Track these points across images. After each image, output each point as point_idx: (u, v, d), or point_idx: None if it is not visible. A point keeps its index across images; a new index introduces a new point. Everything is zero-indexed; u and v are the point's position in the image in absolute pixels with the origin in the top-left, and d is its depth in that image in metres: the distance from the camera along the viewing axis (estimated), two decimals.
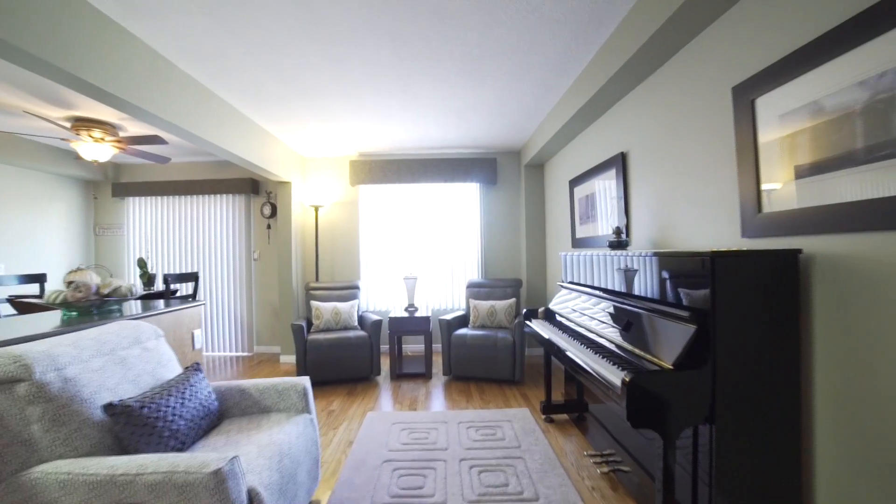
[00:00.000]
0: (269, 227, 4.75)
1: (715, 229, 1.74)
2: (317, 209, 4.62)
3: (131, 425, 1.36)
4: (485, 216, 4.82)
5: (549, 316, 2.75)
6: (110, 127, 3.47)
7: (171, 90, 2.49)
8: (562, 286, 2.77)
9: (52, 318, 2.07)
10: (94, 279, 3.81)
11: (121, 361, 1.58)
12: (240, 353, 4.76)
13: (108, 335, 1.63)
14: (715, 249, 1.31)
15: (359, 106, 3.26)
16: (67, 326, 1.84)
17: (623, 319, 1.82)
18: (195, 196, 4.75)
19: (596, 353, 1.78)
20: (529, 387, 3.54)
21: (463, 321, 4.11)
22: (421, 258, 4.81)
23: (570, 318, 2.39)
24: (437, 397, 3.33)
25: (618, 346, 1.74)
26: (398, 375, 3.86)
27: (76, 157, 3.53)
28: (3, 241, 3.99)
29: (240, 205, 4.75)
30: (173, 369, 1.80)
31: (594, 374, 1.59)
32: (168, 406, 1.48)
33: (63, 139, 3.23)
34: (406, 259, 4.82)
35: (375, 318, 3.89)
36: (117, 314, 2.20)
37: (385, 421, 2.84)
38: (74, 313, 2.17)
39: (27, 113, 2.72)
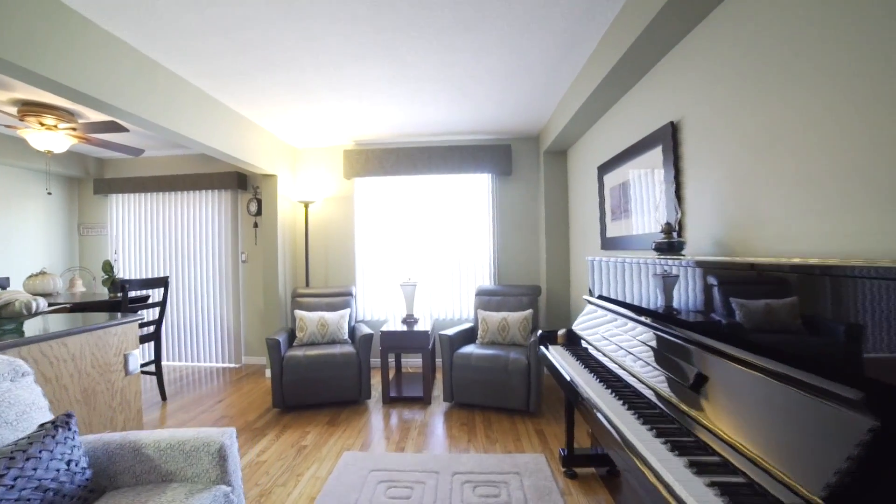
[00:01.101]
0: (255, 225, 4.27)
1: (851, 224, 1.05)
2: (307, 205, 4.10)
3: None
4: (498, 212, 4.17)
5: (572, 340, 2.10)
6: (65, 113, 3.04)
7: (93, 58, 1.99)
8: (589, 302, 2.11)
9: None
10: (56, 284, 3.38)
11: None
12: (226, 365, 4.31)
13: None
14: None
15: (338, 80, 2.70)
16: None
17: (686, 369, 1.16)
18: (179, 192, 4.33)
19: (644, 422, 1.13)
20: (547, 420, 2.88)
21: (469, 336, 3.49)
22: (424, 261, 4.22)
23: (599, 349, 1.73)
24: (433, 431, 2.72)
25: (679, 410, 1.09)
26: (392, 399, 3.28)
27: (43, 150, 3.12)
28: None
29: (226, 201, 4.30)
30: (26, 426, 1.27)
31: (646, 468, 0.94)
32: None
33: (8, 126, 2.81)
34: (407, 261, 4.23)
35: (367, 331, 3.32)
36: (11, 334, 1.71)
37: (362, 467, 2.26)
38: None
39: None
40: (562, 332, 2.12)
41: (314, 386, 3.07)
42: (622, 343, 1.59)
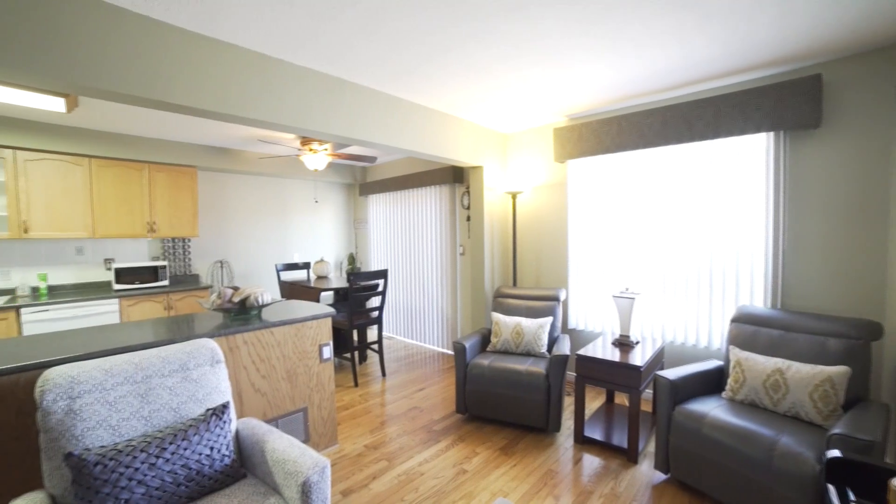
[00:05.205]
0: (468, 219, 4.48)
1: None
2: (514, 196, 3.93)
3: (78, 485, 1.26)
4: (788, 191, 2.71)
5: None
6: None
7: (268, 86, 2.47)
8: None
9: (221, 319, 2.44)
10: (329, 269, 4.60)
11: (145, 393, 1.56)
12: (444, 350, 4.83)
13: (156, 359, 1.66)
14: None
15: (511, 50, 2.32)
16: (219, 329, 2.18)
17: None
18: (409, 189, 5.09)
19: None
20: None
21: (711, 382, 2.46)
22: (658, 263, 3.28)
23: None
24: None
25: None
26: (585, 440, 2.74)
27: (312, 169, 4.36)
28: (298, 235, 5.58)
29: (444, 196, 4.71)
30: (207, 404, 1.69)
31: None
32: (130, 467, 1.32)
33: (296, 156, 4.00)
34: (633, 262, 3.41)
35: (564, 350, 2.90)
36: (255, 321, 2.37)
37: None
38: (232, 314, 2.50)
39: (262, 141, 3.49)
40: None
41: (496, 401, 2.94)
42: None
